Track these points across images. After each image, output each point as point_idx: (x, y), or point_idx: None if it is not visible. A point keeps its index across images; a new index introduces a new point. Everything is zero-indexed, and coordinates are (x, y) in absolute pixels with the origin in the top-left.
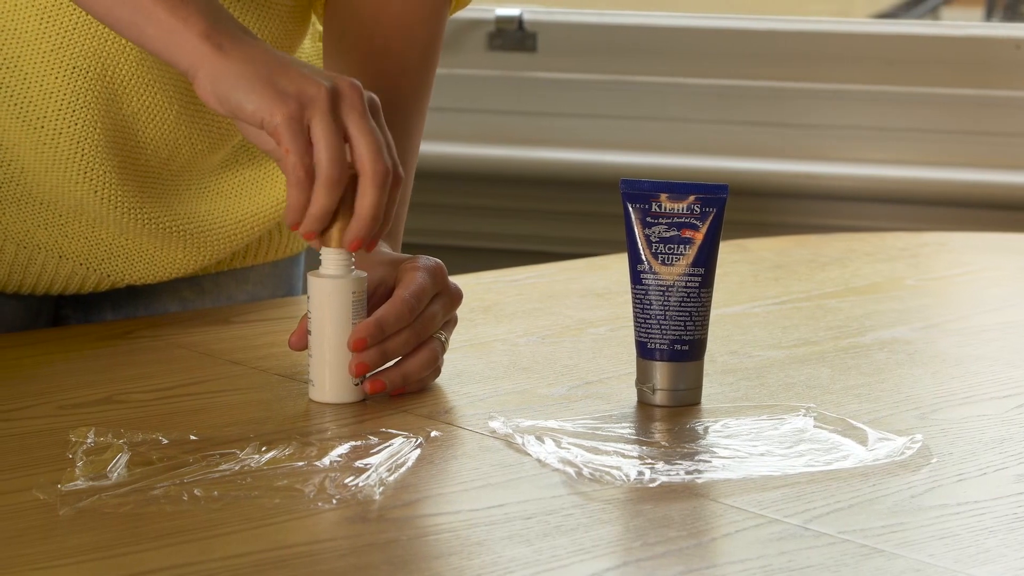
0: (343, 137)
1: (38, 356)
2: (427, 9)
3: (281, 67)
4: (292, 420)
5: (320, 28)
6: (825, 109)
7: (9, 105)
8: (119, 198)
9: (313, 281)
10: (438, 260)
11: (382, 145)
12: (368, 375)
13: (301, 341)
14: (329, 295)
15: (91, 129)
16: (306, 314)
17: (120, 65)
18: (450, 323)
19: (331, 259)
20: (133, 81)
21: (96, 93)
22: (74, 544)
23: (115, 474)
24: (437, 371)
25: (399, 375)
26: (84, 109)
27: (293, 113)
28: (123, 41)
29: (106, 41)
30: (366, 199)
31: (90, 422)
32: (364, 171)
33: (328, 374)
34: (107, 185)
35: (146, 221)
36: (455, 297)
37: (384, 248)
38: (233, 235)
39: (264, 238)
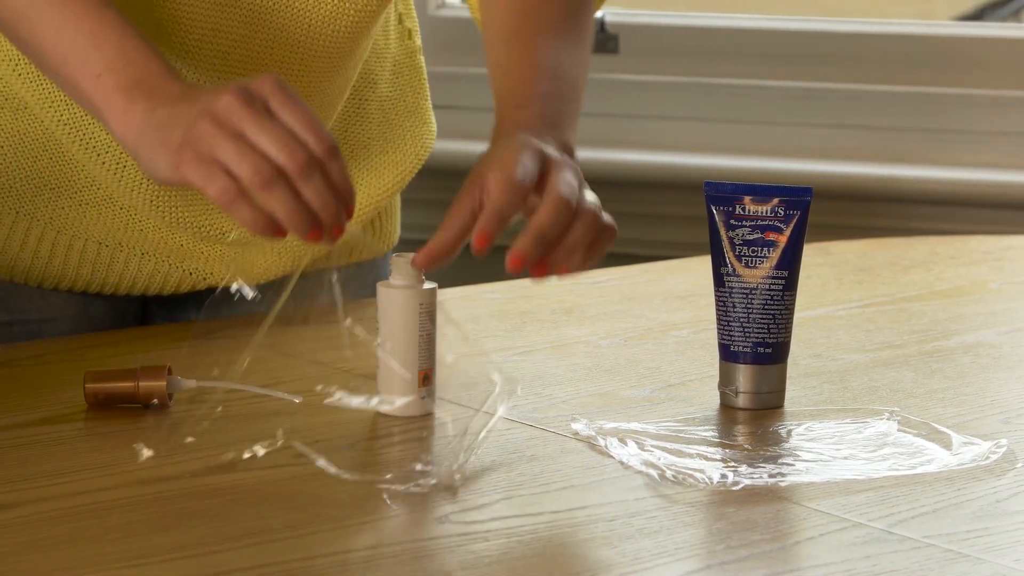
0: (267, 125)
1: (122, 356)
2: None
3: (170, 118)
4: (374, 419)
5: (408, 27)
6: (908, 112)
7: (74, 136)
8: (188, 220)
9: (381, 291)
10: (538, 144)
11: (285, 137)
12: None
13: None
14: (396, 306)
15: None
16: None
17: None
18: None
19: (401, 269)
20: None
21: None
22: (158, 543)
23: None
24: (609, 239)
25: (566, 254)
26: None
27: (185, 159)
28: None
29: None
30: (305, 193)
31: (173, 422)
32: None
33: (396, 386)
34: (173, 209)
35: (218, 237)
36: (571, 165)
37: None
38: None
39: (347, 240)
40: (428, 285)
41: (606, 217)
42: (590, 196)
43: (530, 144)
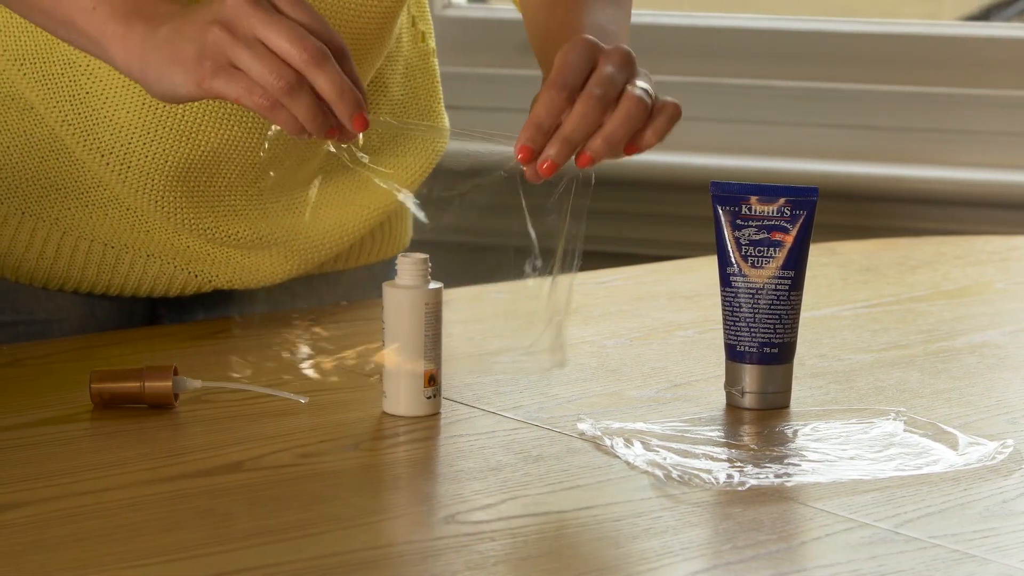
0: (277, 22)
1: (128, 356)
2: None
3: (176, 32)
4: (380, 419)
5: (421, 30)
6: (914, 112)
7: (78, 136)
8: (194, 222)
9: (387, 291)
10: (589, 37)
11: (296, 30)
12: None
13: None
14: (402, 306)
15: (161, 162)
16: None
17: (196, 103)
18: (637, 75)
19: (407, 269)
20: (210, 117)
21: (168, 129)
22: (164, 543)
23: None
24: (670, 116)
25: (602, 142)
26: (154, 144)
27: (208, 72)
28: None
29: None
30: (319, 82)
31: (178, 422)
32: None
33: (402, 386)
34: (179, 210)
35: (224, 240)
36: (621, 53)
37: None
38: (323, 244)
39: (356, 243)
40: (433, 285)
41: (666, 100)
42: (640, 83)
43: (578, 40)
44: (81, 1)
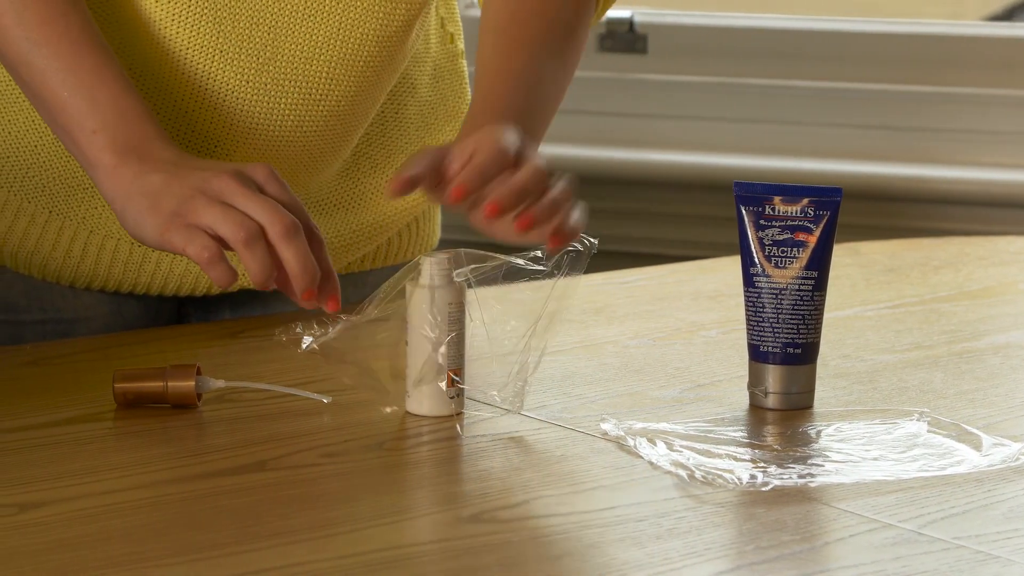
0: (257, 198)
1: (153, 355)
2: None
3: (165, 187)
4: (403, 419)
5: (450, 31)
6: (937, 112)
7: None
8: None
9: (411, 290)
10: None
11: (275, 206)
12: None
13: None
14: (425, 305)
15: None
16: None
17: (210, 113)
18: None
19: (430, 269)
20: (232, 122)
21: (192, 131)
22: (187, 542)
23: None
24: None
25: (546, 208)
26: (179, 144)
27: (173, 227)
28: (218, 100)
29: (194, 98)
30: (286, 254)
31: (201, 421)
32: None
33: (425, 386)
34: None
35: None
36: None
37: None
38: (352, 244)
39: (383, 244)
40: (459, 284)
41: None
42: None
43: (513, 128)
44: (84, 121)
